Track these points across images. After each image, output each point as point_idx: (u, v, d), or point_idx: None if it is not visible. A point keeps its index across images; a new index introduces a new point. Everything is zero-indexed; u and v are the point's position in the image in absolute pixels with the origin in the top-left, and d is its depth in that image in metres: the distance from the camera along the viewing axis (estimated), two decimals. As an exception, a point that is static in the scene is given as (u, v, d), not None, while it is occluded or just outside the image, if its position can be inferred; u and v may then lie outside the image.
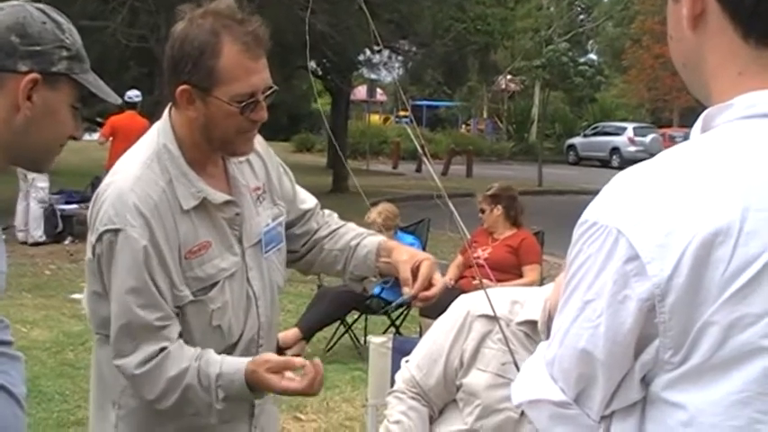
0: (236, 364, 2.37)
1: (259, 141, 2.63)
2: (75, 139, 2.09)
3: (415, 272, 2.54)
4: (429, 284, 2.56)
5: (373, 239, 2.70)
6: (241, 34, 2.30)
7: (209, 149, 2.44)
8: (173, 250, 2.35)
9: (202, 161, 2.45)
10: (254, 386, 2.36)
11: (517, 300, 3.12)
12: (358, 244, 2.69)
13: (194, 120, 2.37)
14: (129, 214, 2.30)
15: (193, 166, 2.42)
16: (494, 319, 2.90)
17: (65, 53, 1.99)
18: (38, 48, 1.94)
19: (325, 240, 2.74)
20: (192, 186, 2.40)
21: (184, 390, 2.35)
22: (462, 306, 3.24)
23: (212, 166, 2.49)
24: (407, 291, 2.54)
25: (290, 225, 2.73)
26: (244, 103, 2.31)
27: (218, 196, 2.44)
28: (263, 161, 2.65)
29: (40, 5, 2.03)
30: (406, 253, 2.62)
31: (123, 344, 2.33)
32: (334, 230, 2.75)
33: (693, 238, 1.15)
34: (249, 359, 2.38)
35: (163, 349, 2.33)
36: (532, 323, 3.04)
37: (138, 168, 2.38)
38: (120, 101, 2.16)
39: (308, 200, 2.80)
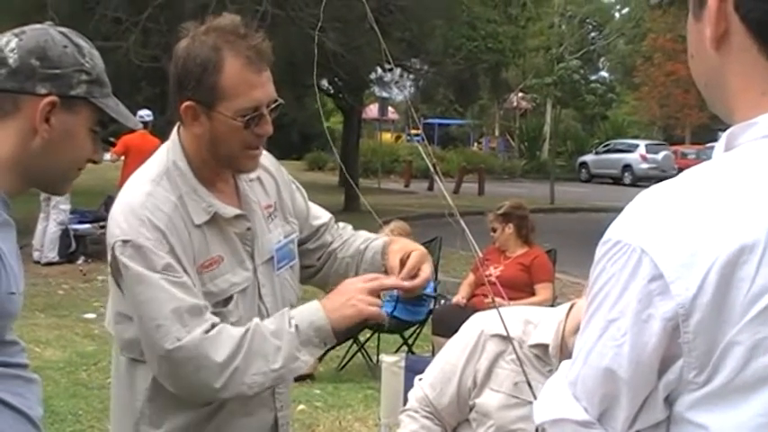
0: (306, 305, 2.42)
1: (270, 160, 2.65)
2: (94, 162, 2.11)
3: (404, 261, 2.53)
4: (416, 274, 2.53)
5: (380, 241, 2.71)
6: (243, 49, 2.31)
7: (217, 166, 2.45)
8: (190, 264, 2.35)
9: (212, 178, 2.46)
10: (333, 309, 2.38)
11: (530, 320, 3.11)
12: (366, 247, 2.69)
13: (200, 136, 2.39)
14: (144, 228, 2.30)
15: (203, 182, 2.43)
16: (507, 339, 2.89)
17: (84, 77, 2.00)
18: (57, 71, 1.96)
19: (338, 250, 2.75)
20: (203, 201, 2.41)
21: (251, 339, 2.30)
22: (476, 325, 3.23)
23: (222, 183, 2.50)
24: (393, 279, 2.52)
25: (304, 241, 2.74)
26: (248, 117, 2.32)
27: (229, 210, 2.45)
28: (275, 179, 2.66)
29: (63, 29, 2.05)
30: (398, 244, 2.64)
31: (176, 330, 2.25)
32: (346, 240, 2.76)
33: (718, 257, 1.14)
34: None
35: (215, 325, 2.32)
36: (544, 346, 3.02)
37: (149, 185, 2.39)
38: (140, 126, 2.18)
39: (321, 215, 2.81)
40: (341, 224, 2.86)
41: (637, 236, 1.20)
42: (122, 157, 13.73)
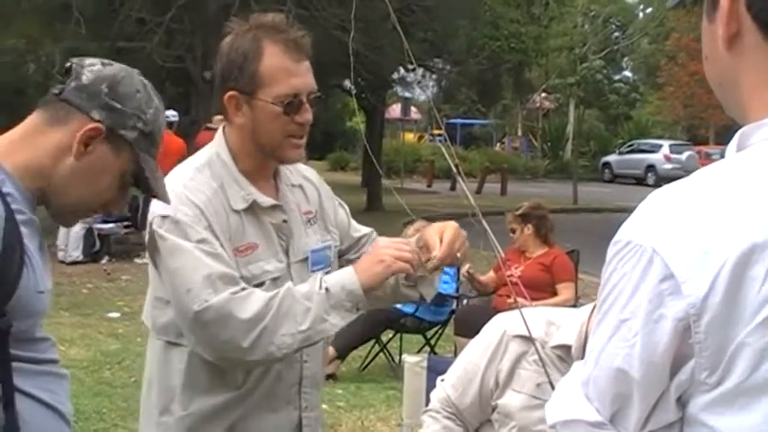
0: (340, 270, 2.47)
1: (313, 173, 2.76)
2: (109, 212, 2.13)
3: (441, 238, 2.53)
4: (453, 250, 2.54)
5: (415, 236, 2.70)
6: (282, 39, 2.42)
7: (261, 158, 2.52)
8: (227, 243, 2.40)
9: (254, 173, 2.52)
10: (362, 270, 2.42)
11: (553, 321, 3.11)
12: None
13: (243, 127, 2.47)
14: (183, 205, 2.37)
15: (245, 174, 2.50)
16: (530, 339, 2.89)
17: (140, 125, 2.05)
18: (118, 106, 2.01)
19: None
20: (242, 190, 2.48)
21: (282, 299, 2.33)
22: (498, 326, 3.23)
23: (263, 180, 2.56)
24: (434, 255, 2.50)
25: (345, 251, 2.78)
26: (287, 102, 2.40)
27: (267, 200, 2.52)
28: (318, 191, 2.73)
29: (147, 81, 2.11)
30: (433, 227, 2.64)
31: (205, 293, 2.29)
32: None
33: (729, 256, 1.14)
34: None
35: (245, 289, 2.36)
36: (567, 347, 3.02)
37: (191, 172, 2.49)
38: (169, 200, 2.22)
39: (362, 228, 2.87)
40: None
41: (648, 236, 1.20)
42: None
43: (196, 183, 2.45)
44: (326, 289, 2.36)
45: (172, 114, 14.19)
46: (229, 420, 2.49)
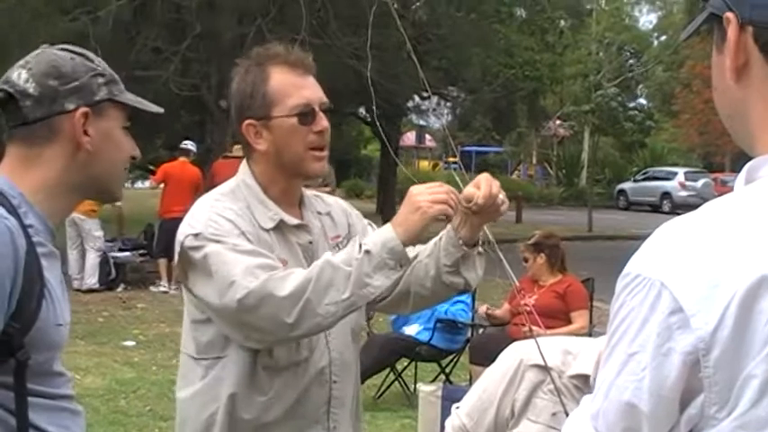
0: (379, 229, 2.46)
1: (341, 201, 2.82)
2: (134, 159, 2.17)
3: (478, 186, 2.48)
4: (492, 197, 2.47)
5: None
6: (284, 61, 2.51)
7: (285, 183, 2.57)
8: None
9: (279, 199, 2.56)
10: (399, 223, 2.38)
11: (570, 350, 3.09)
12: (439, 239, 2.64)
13: (266, 152, 2.52)
14: (213, 222, 2.42)
15: (271, 199, 2.55)
16: (546, 369, 2.87)
17: (101, 80, 2.07)
18: (77, 83, 2.02)
19: (412, 262, 2.65)
20: (269, 210, 2.53)
21: (321, 270, 2.32)
22: (514, 354, 3.21)
23: (289, 206, 2.59)
24: (477, 196, 2.43)
25: None
26: (301, 113, 2.47)
27: (293, 219, 2.56)
28: (347, 217, 2.76)
29: (60, 46, 2.11)
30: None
31: (246, 281, 2.31)
32: (417, 253, 2.70)
33: (737, 290, 1.13)
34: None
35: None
36: (584, 377, 3.00)
37: (215, 197, 2.55)
38: (161, 110, 2.27)
39: None
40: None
41: (656, 269, 1.19)
42: (161, 185, 13.88)
43: (223, 204, 2.50)
44: (366, 251, 2.33)
45: (191, 144, 14.26)
46: None
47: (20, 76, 2.00)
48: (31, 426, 1.90)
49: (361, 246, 2.35)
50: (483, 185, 2.45)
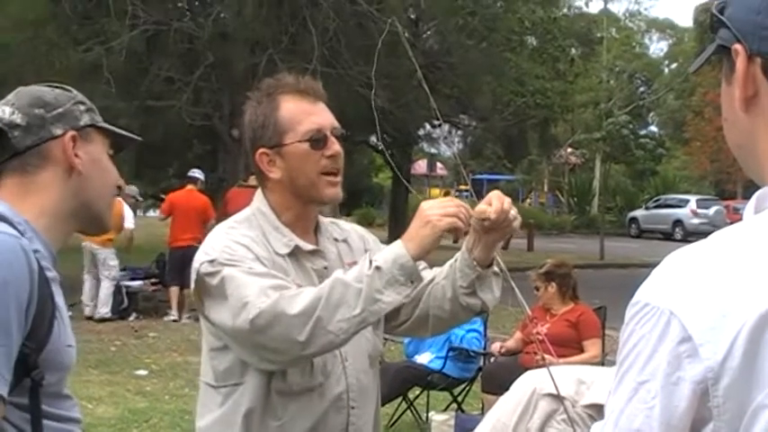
0: (390, 245, 2.43)
1: (358, 227, 2.84)
2: (120, 188, 2.23)
3: (490, 203, 2.46)
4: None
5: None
6: (293, 89, 2.55)
7: (300, 209, 2.58)
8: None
9: (294, 226, 2.58)
10: (410, 239, 2.38)
11: (583, 380, 3.09)
12: (454, 260, 2.63)
13: (281, 180, 2.55)
14: (228, 248, 2.44)
15: (286, 226, 2.57)
16: (559, 398, 2.87)
17: (83, 107, 2.14)
18: (61, 110, 2.09)
19: (429, 285, 2.67)
20: (284, 237, 2.55)
21: (331, 288, 2.32)
22: (528, 383, 3.21)
23: (304, 233, 2.61)
24: (489, 212, 2.42)
25: None
26: (313, 138, 2.49)
27: (308, 245, 2.58)
28: (365, 243, 2.76)
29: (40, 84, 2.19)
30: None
31: (259, 301, 2.31)
32: (435, 275, 2.70)
33: (747, 320, 1.13)
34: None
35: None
36: (598, 406, 2.99)
37: (231, 225, 2.57)
38: (139, 138, 2.35)
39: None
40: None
41: (665, 298, 1.19)
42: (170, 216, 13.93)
43: (239, 231, 2.52)
44: (377, 267, 2.32)
45: (198, 172, 14.31)
46: None
47: (4, 111, 2.06)
48: None
49: (371, 262, 2.34)
50: (495, 201, 2.45)
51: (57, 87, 2.15)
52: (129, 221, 13.58)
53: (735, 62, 1.28)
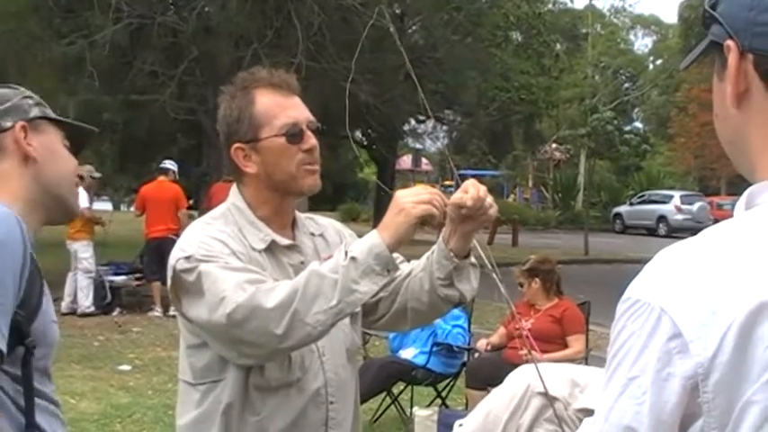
0: (365, 236, 2.41)
1: (333, 221, 2.81)
2: (81, 177, 2.26)
3: (466, 191, 2.46)
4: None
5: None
6: (268, 83, 2.53)
7: (277, 203, 2.57)
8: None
9: (271, 220, 2.57)
10: (385, 227, 2.37)
11: (578, 382, 3.08)
12: (431, 252, 2.62)
13: (257, 175, 2.53)
14: (204, 244, 2.43)
15: (262, 220, 2.56)
16: (550, 398, 2.86)
17: (31, 101, 2.22)
18: (8, 104, 2.17)
19: (406, 278, 2.66)
20: (260, 232, 2.54)
21: (307, 280, 2.31)
22: (523, 379, 3.20)
23: (281, 228, 2.60)
24: (466, 198, 2.42)
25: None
26: (289, 132, 2.48)
27: (285, 240, 2.57)
28: (339, 234, 2.75)
29: None
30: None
31: (236, 296, 2.30)
32: (411, 269, 2.69)
33: (736, 316, 1.14)
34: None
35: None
36: (591, 412, 2.99)
37: (206, 221, 2.57)
38: (95, 129, 2.44)
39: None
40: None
41: (656, 294, 1.20)
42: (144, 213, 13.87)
43: (214, 227, 2.51)
44: (352, 258, 2.32)
45: (170, 163, 14.23)
46: None
47: None
48: (36, 426, 1.97)
49: (347, 253, 2.34)
50: (470, 189, 2.45)
51: (4, 86, 2.22)
52: (84, 201, 12.66)
53: (727, 58, 1.28)
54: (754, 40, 1.25)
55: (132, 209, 27.01)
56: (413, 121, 27.51)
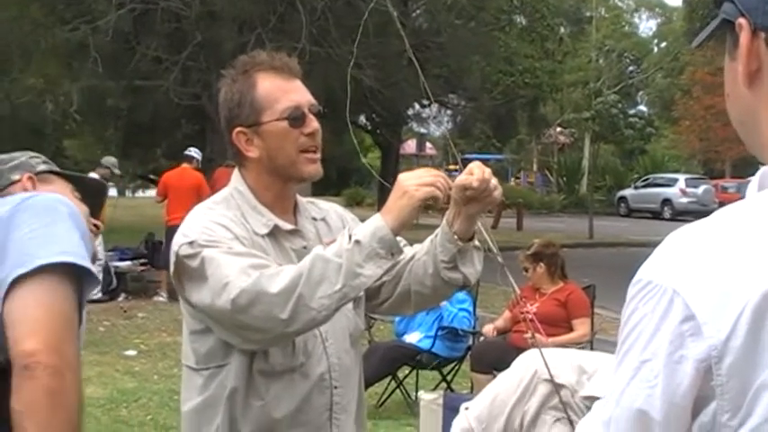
0: (368, 219, 2.39)
1: (336, 206, 2.81)
2: (97, 227, 2.44)
3: (471, 173, 2.45)
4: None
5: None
6: (269, 66, 2.52)
7: (279, 188, 2.56)
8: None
9: (273, 205, 2.56)
10: (388, 211, 2.35)
11: (586, 369, 3.06)
12: (435, 235, 2.61)
13: (258, 159, 2.52)
14: (207, 229, 2.42)
15: (264, 206, 2.55)
16: (556, 385, 2.86)
17: (38, 160, 2.41)
18: (16, 162, 2.38)
19: (410, 262, 2.65)
20: (263, 217, 2.53)
21: (311, 265, 2.30)
22: (531, 365, 3.19)
23: (283, 213, 2.58)
24: (471, 179, 2.41)
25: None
26: (291, 116, 2.47)
27: (287, 225, 2.56)
28: (342, 219, 2.74)
29: None
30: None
31: (240, 281, 2.30)
32: (415, 253, 2.68)
33: (750, 298, 1.12)
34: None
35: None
36: (598, 399, 2.98)
37: (208, 207, 2.55)
38: (104, 183, 2.62)
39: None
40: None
41: (668, 276, 1.18)
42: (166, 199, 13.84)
43: (217, 212, 2.50)
44: (356, 241, 2.31)
45: (195, 151, 14.23)
46: None
47: None
48: None
49: (350, 236, 2.32)
50: (476, 170, 2.44)
51: (8, 154, 2.43)
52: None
53: (739, 36, 1.27)
54: (767, 17, 1.24)
55: (140, 193, 27.05)
56: (417, 106, 27.44)
